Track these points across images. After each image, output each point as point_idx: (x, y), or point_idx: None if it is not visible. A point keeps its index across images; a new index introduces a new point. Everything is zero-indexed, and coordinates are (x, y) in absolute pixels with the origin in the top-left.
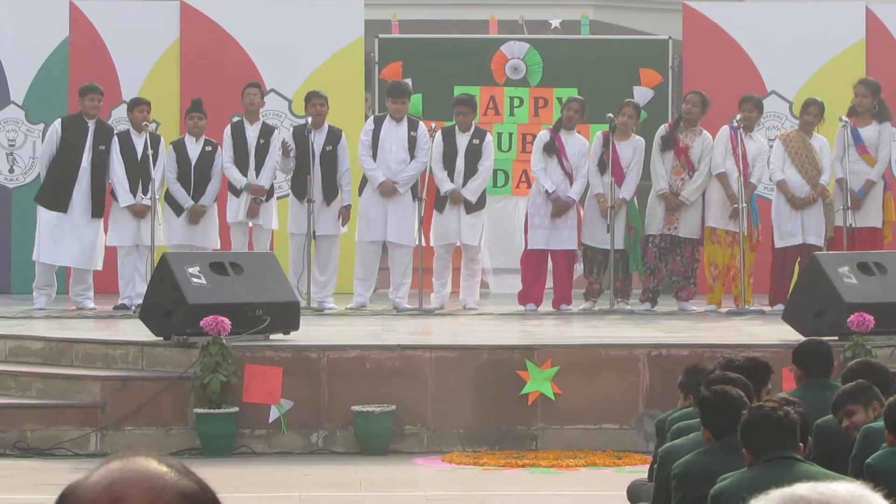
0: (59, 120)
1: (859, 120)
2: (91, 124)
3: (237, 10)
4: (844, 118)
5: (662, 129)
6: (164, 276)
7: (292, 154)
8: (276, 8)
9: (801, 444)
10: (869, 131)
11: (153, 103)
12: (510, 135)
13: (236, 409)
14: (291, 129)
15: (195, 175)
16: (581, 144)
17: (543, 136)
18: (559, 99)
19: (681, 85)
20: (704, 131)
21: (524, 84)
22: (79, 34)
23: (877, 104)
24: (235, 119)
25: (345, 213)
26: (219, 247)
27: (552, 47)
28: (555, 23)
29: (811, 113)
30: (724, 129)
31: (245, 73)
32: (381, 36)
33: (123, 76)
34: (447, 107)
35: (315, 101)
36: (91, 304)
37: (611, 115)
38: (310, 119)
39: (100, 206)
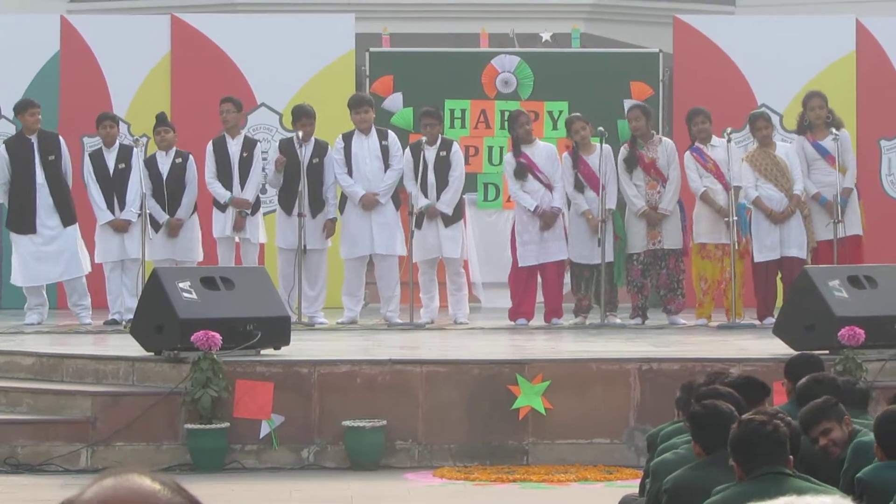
0: (2, 144)
1: (816, 133)
2: (34, 139)
3: (228, 24)
4: (796, 136)
5: (623, 152)
6: (154, 290)
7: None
8: (267, 22)
9: (790, 457)
10: (829, 142)
11: (143, 117)
12: (501, 148)
13: (227, 424)
14: (279, 142)
15: (167, 188)
16: (548, 151)
17: (509, 160)
18: (549, 112)
19: (672, 98)
20: (665, 139)
21: (515, 97)
22: (70, 48)
23: (829, 114)
24: (216, 136)
25: (329, 227)
26: (202, 259)
27: (543, 61)
28: (545, 36)
29: (759, 127)
30: (687, 154)
31: (236, 87)
32: (371, 49)
33: (114, 90)
34: None
35: (304, 121)
36: (88, 319)
37: (602, 128)
38: (300, 133)
39: (68, 214)
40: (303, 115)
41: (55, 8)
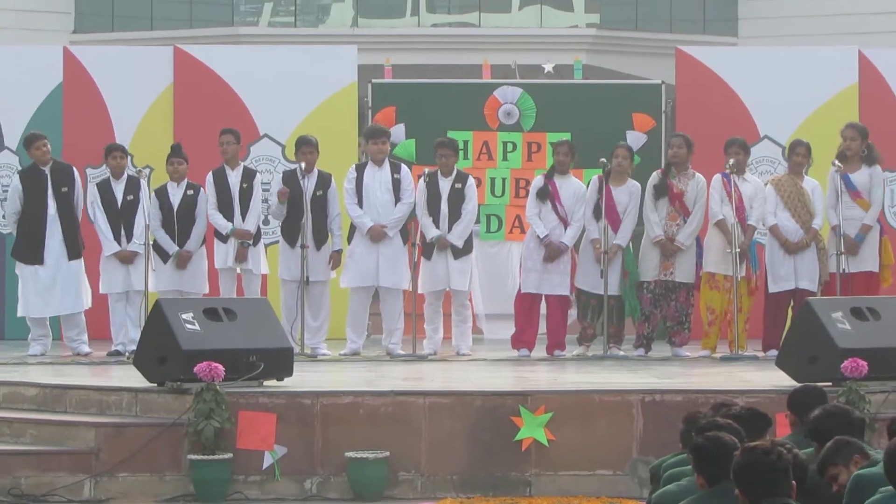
0: (16, 175)
1: (849, 165)
2: (47, 170)
3: (230, 55)
4: (837, 163)
5: (654, 178)
6: (157, 322)
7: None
8: (270, 53)
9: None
10: (860, 176)
11: (146, 148)
12: (503, 180)
13: (230, 455)
14: (282, 174)
15: (178, 220)
16: (576, 188)
17: (538, 181)
18: (552, 144)
19: (674, 129)
20: (697, 174)
21: (517, 129)
22: (73, 79)
23: (866, 148)
24: (215, 168)
25: (335, 258)
26: (207, 291)
27: (545, 92)
28: (548, 67)
29: (799, 154)
30: (717, 177)
31: (238, 119)
32: (374, 81)
33: (117, 121)
34: None
35: (305, 149)
36: (86, 349)
37: (604, 159)
38: (303, 164)
39: (75, 247)
40: (304, 145)
41: (58, 39)
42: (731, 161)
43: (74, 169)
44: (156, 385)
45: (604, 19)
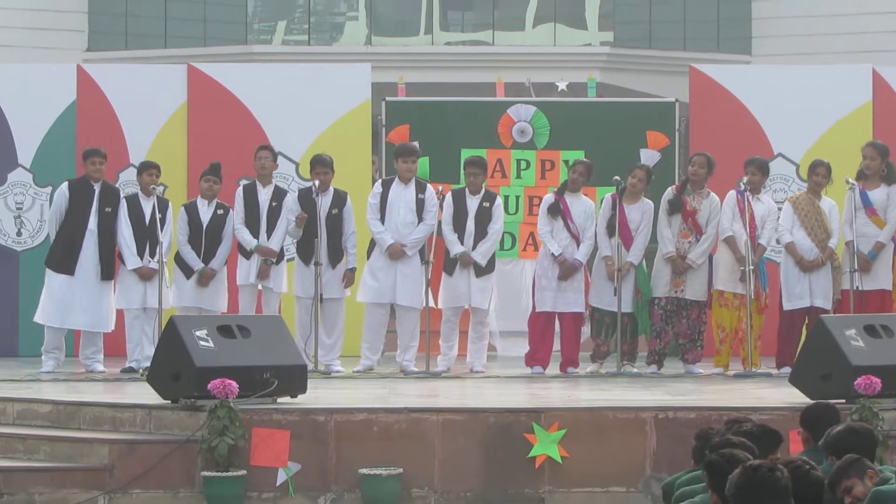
0: (65, 183)
1: (868, 183)
2: (97, 187)
3: (244, 73)
4: (851, 181)
5: (669, 193)
6: (171, 339)
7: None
8: (283, 71)
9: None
10: (878, 194)
11: (161, 166)
12: (517, 197)
13: (244, 472)
14: (297, 192)
15: (206, 238)
16: (587, 206)
17: (549, 198)
18: (566, 161)
19: (687, 147)
20: (712, 193)
21: (531, 147)
22: (86, 97)
23: (885, 167)
24: (245, 182)
25: (349, 276)
26: (226, 310)
27: (559, 110)
28: (561, 85)
29: (819, 174)
30: (731, 193)
31: (252, 136)
32: (388, 99)
33: (131, 139)
34: (454, 169)
35: (319, 169)
36: (101, 368)
37: (618, 177)
38: (317, 182)
39: (109, 268)
40: (318, 164)
41: (72, 57)
42: (745, 179)
43: (122, 194)
44: (170, 402)
45: (617, 37)
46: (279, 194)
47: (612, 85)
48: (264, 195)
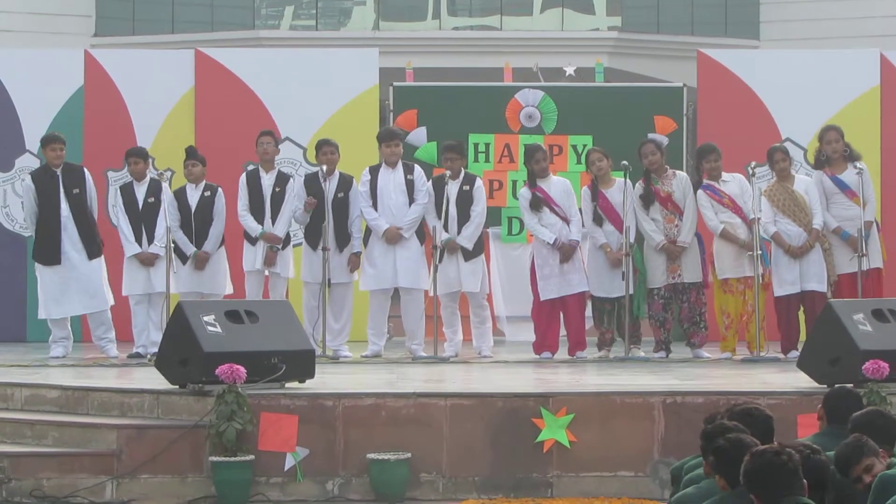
0: (27, 176)
1: (835, 167)
2: (59, 172)
3: (252, 58)
4: (818, 171)
5: (638, 188)
6: (179, 324)
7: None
8: (291, 56)
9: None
10: (849, 175)
11: (168, 151)
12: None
13: (252, 457)
14: (304, 177)
15: (195, 221)
16: (563, 185)
17: (525, 193)
18: (574, 146)
19: (695, 132)
20: (678, 172)
21: (539, 132)
22: (93, 83)
23: (846, 147)
24: (251, 167)
25: (354, 261)
26: (231, 293)
27: (567, 95)
28: (569, 70)
29: (779, 160)
30: (700, 192)
31: (260, 122)
32: (395, 84)
33: (138, 125)
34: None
35: (325, 150)
36: (114, 352)
37: (626, 162)
38: (324, 167)
39: (93, 247)
40: (324, 145)
41: (79, 42)
42: (708, 167)
43: (85, 170)
44: (177, 387)
45: (625, 22)
46: (282, 179)
47: (620, 70)
48: (267, 181)
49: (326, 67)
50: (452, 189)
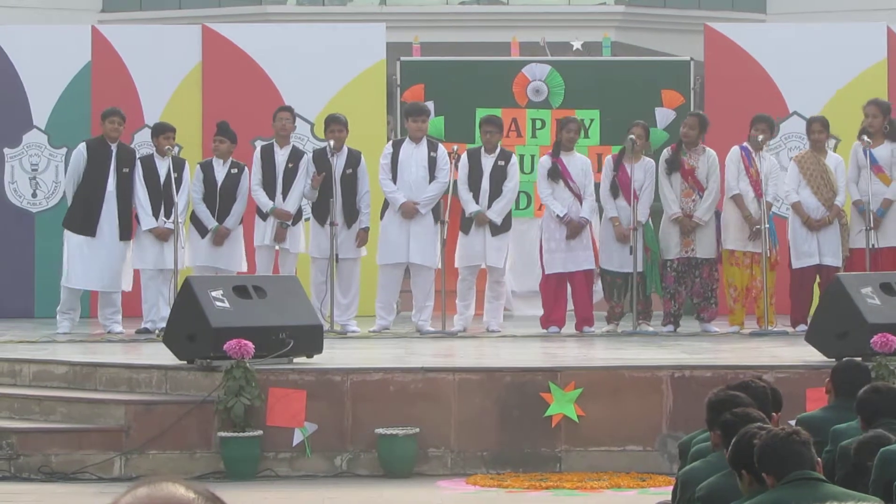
0: (83, 144)
1: (872, 140)
2: (114, 147)
3: (259, 33)
4: (866, 138)
5: (666, 153)
6: (187, 299)
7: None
8: (298, 31)
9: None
10: (882, 151)
11: (176, 127)
12: (532, 157)
13: (260, 432)
14: (312, 153)
15: (220, 197)
16: (583, 163)
17: (545, 162)
18: (581, 121)
19: (703, 106)
20: (708, 149)
21: (546, 106)
22: (101, 58)
23: (888, 124)
24: (264, 143)
25: (362, 236)
26: (244, 270)
27: (574, 69)
28: (576, 44)
29: (816, 130)
30: (735, 149)
31: (267, 97)
32: (402, 59)
33: (146, 100)
34: (469, 129)
35: (333, 127)
36: (119, 329)
37: (632, 136)
38: (332, 142)
39: (127, 228)
40: (332, 122)
41: (87, 18)
42: (760, 137)
43: (137, 152)
44: (185, 362)
45: None
46: (296, 155)
47: (627, 44)
48: (281, 156)
49: (333, 42)
50: (487, 163)
